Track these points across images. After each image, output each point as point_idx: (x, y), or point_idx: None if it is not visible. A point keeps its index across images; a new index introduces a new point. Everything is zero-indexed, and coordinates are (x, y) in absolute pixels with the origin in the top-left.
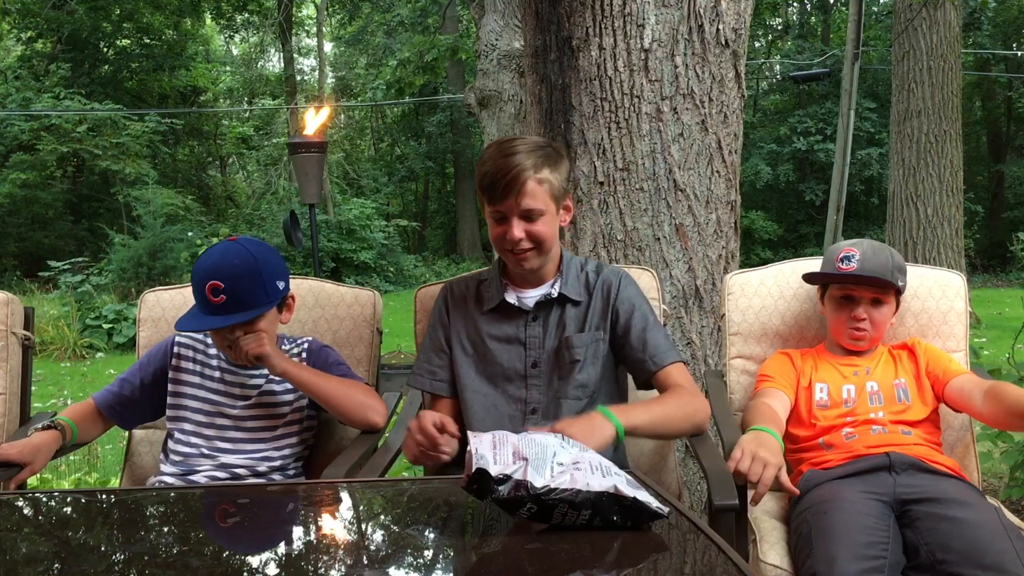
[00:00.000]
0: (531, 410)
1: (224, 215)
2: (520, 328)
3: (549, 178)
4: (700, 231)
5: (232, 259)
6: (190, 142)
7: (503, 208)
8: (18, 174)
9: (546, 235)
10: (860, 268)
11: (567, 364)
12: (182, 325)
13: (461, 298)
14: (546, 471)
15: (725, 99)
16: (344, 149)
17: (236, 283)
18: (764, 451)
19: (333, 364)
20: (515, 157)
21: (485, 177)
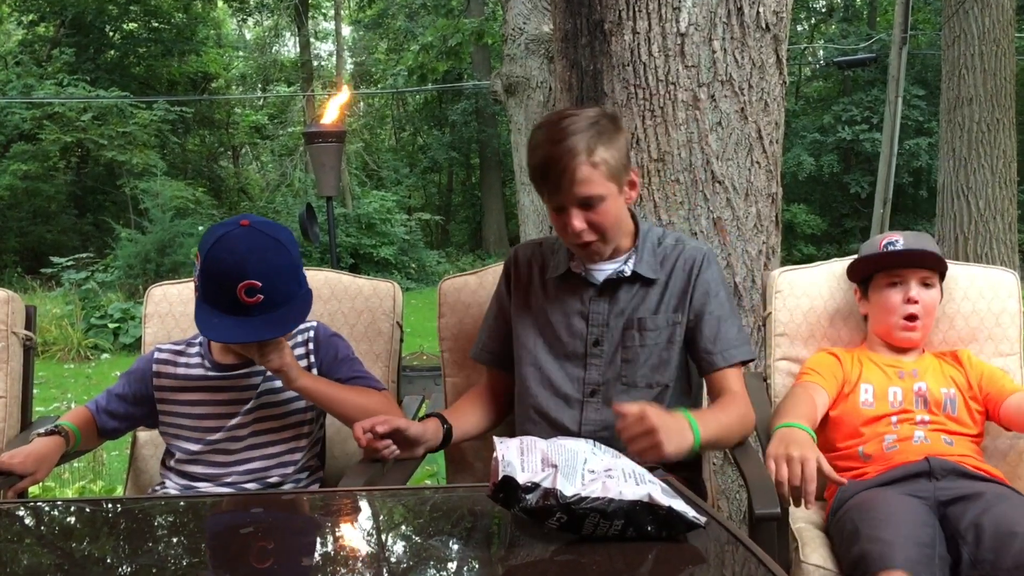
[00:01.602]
0: (590, 392)
1: (237, 208)
2: (584, 301)
3: (605, 157)
4: (739, 225)
5: (265, 253)
6: (201, 131)
7: (559, 199)
8: (19, 165)
9: (609, 222)
10: (907, 248)
11: (636, 347)
12: (219, 335)
13: (526, 263)
14: (576, 479)
15: (766, 86)
16: (363, 139)
17: (276, 281)
18: (794, 448)
19: (343, 360)
20: (565, 143)
21: (536, 170)
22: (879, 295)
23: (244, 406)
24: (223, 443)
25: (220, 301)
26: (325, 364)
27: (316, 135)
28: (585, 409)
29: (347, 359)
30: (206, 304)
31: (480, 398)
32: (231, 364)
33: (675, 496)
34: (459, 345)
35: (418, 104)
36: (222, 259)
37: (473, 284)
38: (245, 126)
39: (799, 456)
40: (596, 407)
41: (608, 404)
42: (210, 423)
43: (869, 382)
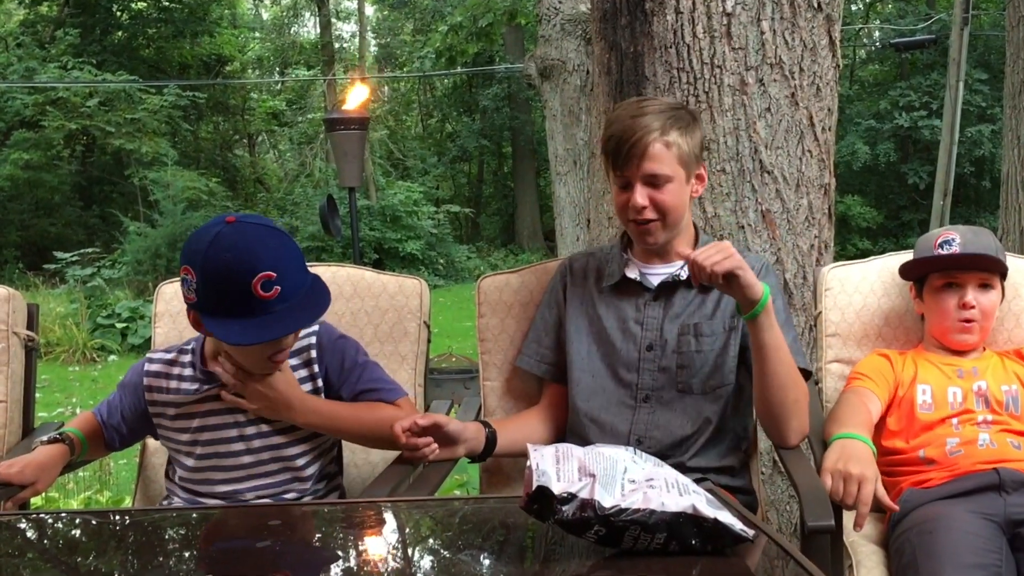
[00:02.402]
0: (643, 397)
1: (253, 200)
2: (638, 307)
3: (678, 141)
4: (790, 218)
5: (268, 241)
6: (214, 118)
7: (627, 173)
8: (20, 154)
9: (672, 204)
10: (963, 250)
11: (692, 353)
12: (250, 335)
13: (581, 273)
14: (616, 489)
15: (818, 69)
16: (388, 126)
17: (288, 268)
18: (855, 466)
19: (352, 368)
20: (643, 119)
21: (610, 140)
22: (934, 297)
23: (244, 419)
24: (226, 460)
25: (235, 305)
26: (332, 374)
27: (338, 122)
28: (637, 413)
29: (356, 366)
30: (216, 317)
31: (536, 412)
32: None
33: (721, 507)
34: (499, 347)
35: (446, 89)
36: (225, 259)
37: (515, 283)
38: (262, 112)
39: (857, 474)
40: (649, 411)
41: (661, 408)
42: (208, 436)
43: (926, 383)
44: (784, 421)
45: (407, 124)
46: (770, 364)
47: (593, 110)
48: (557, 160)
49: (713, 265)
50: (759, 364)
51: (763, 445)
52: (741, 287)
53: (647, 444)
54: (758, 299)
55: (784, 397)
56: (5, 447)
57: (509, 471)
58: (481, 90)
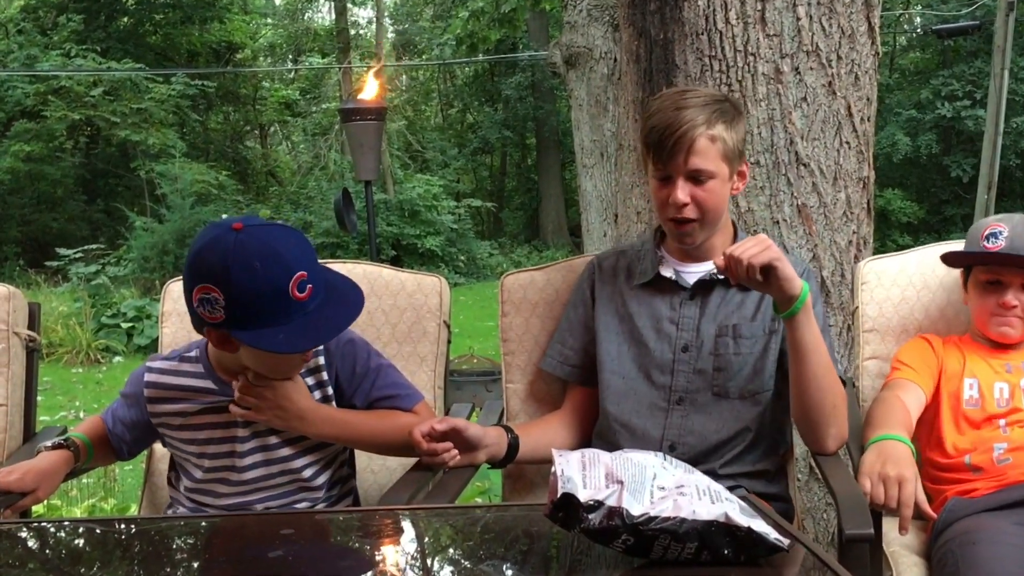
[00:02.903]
0: (676, 400)
1: (264, 194)
2: (673, 306)
3: (723, 136)
4: (827, 213)
5: (288, 241)
6: (224, 108)
7: (669, 168)
8: (21, 145)
9: (714, 203)
10: (1009, 246)
11: (730, 355)
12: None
13: (611, 272)
14: (645, 496)
15: (856, 57)
16: (406, 116)
17: (314, 265)
18: (892, 467)
19: (364, 373)
20: (687, 112)
21: (652, 132)
22: (976, 291)
23: (250, 431)
24: (234, 473)
25: (272, 314)
26: (343, 381)
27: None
28: (670, 416)
29: (369, 371)
30: (251, 329)
31: (560, 416)
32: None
33: (755, 515)
34: (523, 348)
35: (467, 77)
36: (255, 268)
37: (539, 281)
38: (274, 102)
39: (896, 475)
40: (682, 414)
41: (696, 412)
42: (216, 449)
43: (974, 376)
44: (822, 427)
45: (426, 114)
46: (808, 366)
47: (621, 100)
48: (583, 152)
49: (751, 258)
50: (796, 366)
51: (799, 450)
52: (779, 281)
53: (680, 450)
54: (797, 295)
55: (821, 401)
56: (5, 452)
57: (533, 477)
58: (504, 79)
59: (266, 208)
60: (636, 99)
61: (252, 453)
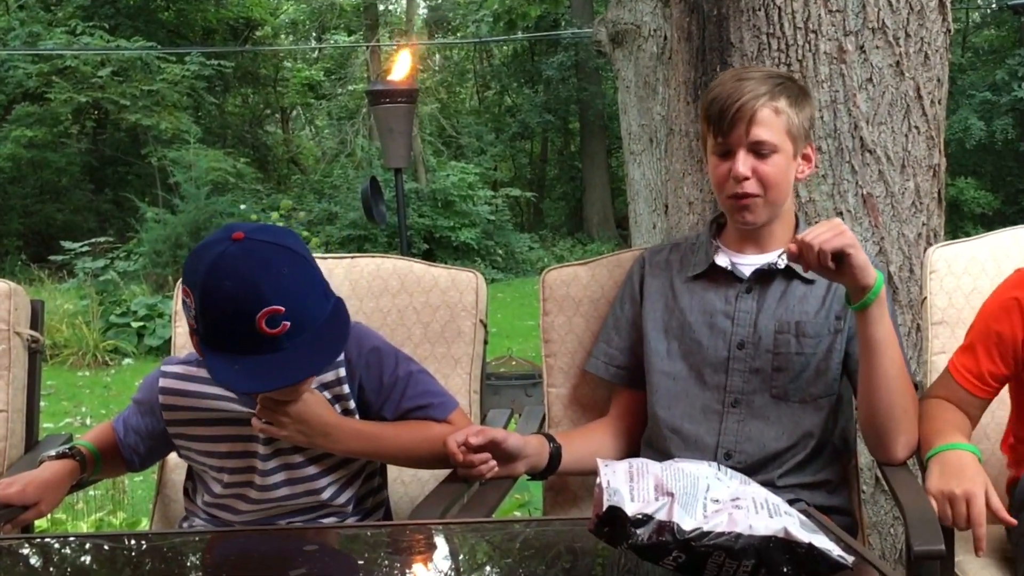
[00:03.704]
0: (732, 402)
1: (286, 182)
2: (729, 299)
3: (788, 111)
4: (894, 203)
5: (280, 268)
6: (243, 90)
7: (730, 140)
8: (23, 131)
9: (776, 178)
10: None
11: (792, 355)
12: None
13: (662, 265)
14: (697, 509)
15: (926, 34)
16: (439, 99)
17: (302, 300)
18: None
19: (393, 382)
20: (749, 82)
21: (713, 103)
22: None
23: (271, 448)
24: (253, 491)
25: (236, 342)
26: (369, 392)
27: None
28: (725, 420)
29: (398, 380)
30: (218, 352)
31: (605, 423)
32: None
33: (817, 530)
34: (566, 349)
35: (505, 57)
36: (225, 288)
37: (584, 277)
38: (296, 83)
39: (963, 492)
40: (739, 418)
41: (753, 417)
42: (235, 464)
43: None
44: (891, 433)
45: (461, 97)
46: (880, 365)
47: (671, 81)
48: (631, 137)
49: (822, 243)
50: (868, 364)
51: (864, 460)
52: (852, 269)
53: (736, 459)
54: (870, 285)
55: (892, 404)
56: (6, 462)
57: (576, 489)
58: (544, 58)
59: (287, 198)
60: (687, 80)
61: (274, 472)
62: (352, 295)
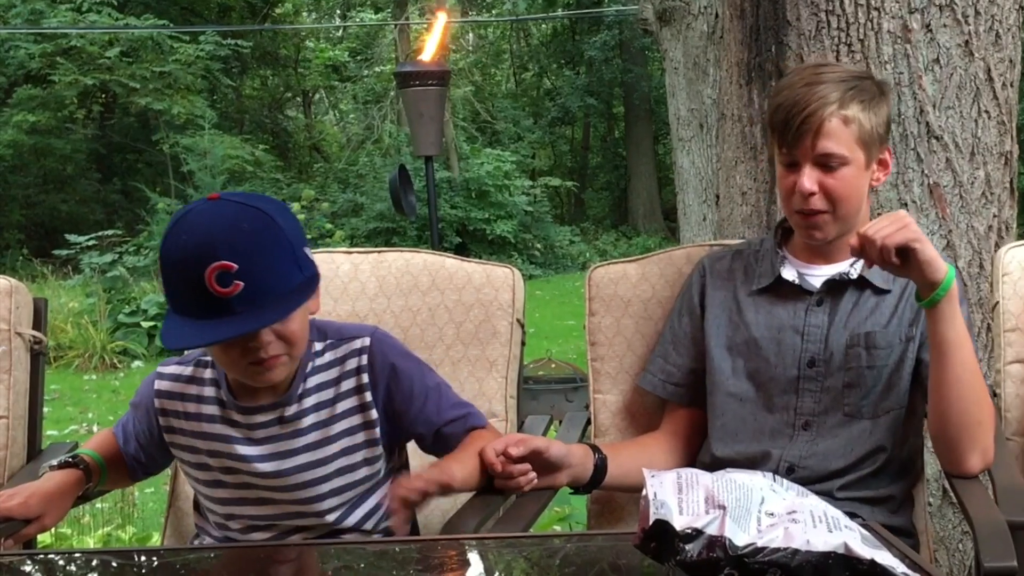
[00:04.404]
0: (803, 424)
1: (308, 171)
2: (798, 314)
3: (859, 117)
4: (963, 193)
5: (240, 222)
6: (261, 71)
7: (796, 152)
8: (25, 115)
9: (845, 193)
10: None
11: (863, 369)
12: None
13: (724, 275)
14: (751, 523)
15: (997, 12)
16: (473, 81)
17: (258, 259)
18: None
19: (421, 392)
20: (818, 88)
21: (778, 111)
22: None
23: (287, 457)
24: (264, 506)
25: (190, 302)
26: (398, 402)
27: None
28: (794, 442)
29: (430, 391)
30: (174, 314)
31: (658, 439)
32: (258, 404)
33: (879, 546)
34: (614, 352)
35: (544, 36)
36: (181, 243)
37: (633, 275)
38: (319, 65)
39: None
40: (808, 440)
41: (824, 437)
42: (239, 479)
43: None
44: (964, 443)
45: (496, 79)
46: (952, 368)
47: (723, 62)
48: (679, 123)
49: (884, 238)
50: (939, 367)
51: (930, 470)
52: (920, 264)
53: (799, 474)
54: (939, 280)
55: (965, 411)
56: (7, 472)
57: (622, 501)
58: (587, 37)
59: (309, 188)
60: (740, 61)
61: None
62: (379, 292)
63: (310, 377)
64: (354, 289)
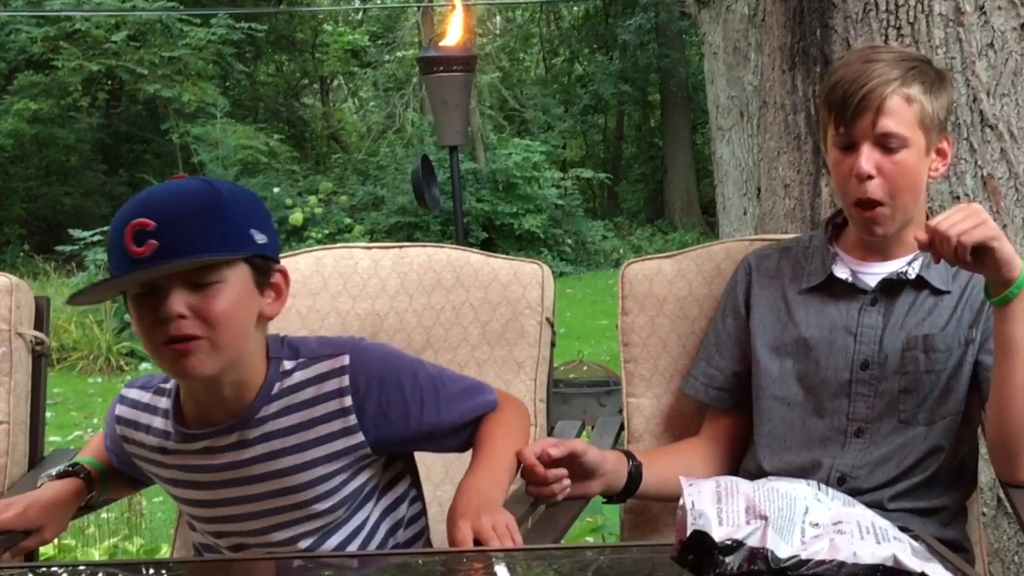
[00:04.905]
0: (855, 431)
1: (326, 162)
2: (851, 314)
3: (921, 99)
4: (1018, 186)
5: (172, 188)
6: (276, 56)
7: (854, 131)
8: (26, 103)
9: (905, 180)
10: None
11: (920, 373)
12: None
13: (770, 274)
14: (794, 534)
15: None
16: (500, 67)
17: (177, 219)
18: None
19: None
20: (878, 65)
21: (835, 88)
22: None
23: (252, 483)
24: (243, 536)
25: (112, 263)
26: (394, 418)
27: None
28: (846, 451)
29: (421, 392)
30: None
31: (697, 446)
32: (209, 429)
33: (930, 558)
34: (649, 354)
35: (576, 19)
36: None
37: (669, 272)
38: (338, 49)
39: None
40: (861, 448)
41: (877, 445)
42: (212, 512)
43: None
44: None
45: (525, 65)
46: (1018, 369)
47: (765, 46)
48: (718, 111)
49: (961, 235)
50: (1002, 368)
51: (984, 478)
52: (996, 262)
53: (851, 484)
54: (1014, 278)
55: None
56: (7, 481)
57: (657, 511)
58: (620, 20)
59: (327, 180)
60: (783, 45)
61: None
62: (401, 290)
63: (275, 400)
64: (374, 286)
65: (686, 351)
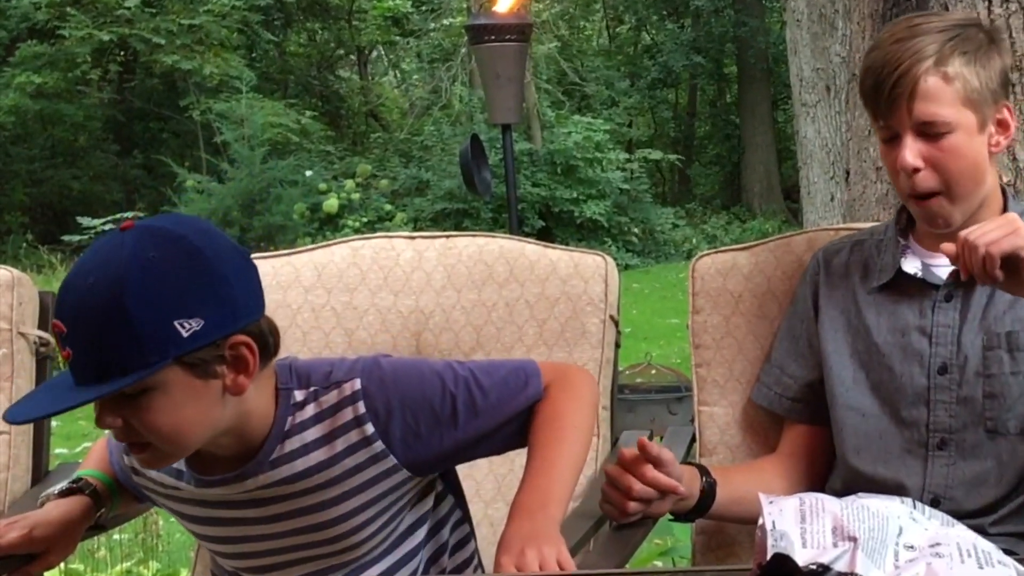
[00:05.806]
0: (937, 443)
1: (364, 142)
2: (923, 312)
3: (962, 73)
4: None
5: (87, 277)
6: (309, 24)
7: (892, 121)
8: (29, 76)
9: (957, 166)
10: None
11: (1006, 375)
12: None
13: (841, 271)
14: (887, 557)
15: None
16: (559, 36)
17: (82, 327)
18: None
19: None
20: (910, 42)
21: (866, 75)
22: None
23: (270, 523)
24: (271, 571)
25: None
26: (424, 433)
27: (486, 30)
28: (931, 465)
29: (452, 398)
30: None
31: (776, 463)
32: (217, 476)
33: None
34: (723, 357)
35: None
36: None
37: (745, 265)
38: (377, 16)
39: None
40: (947, 461)
41: (965, 458)
42: (235, 549)
43: None
44: None
45: (587, 34)
46: None
47: (854, 13)
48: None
49: (989, 244)
50: None
51: None
52: None
53: (945, 506)
54: None
55: None
56: (8, 498)
57: (733, 532)
58: None
59: (366, 162)
60: (874, 12)
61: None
62: (447, 284)
63: (288, 438)
64: (418, 280)
65: (764, 354)
